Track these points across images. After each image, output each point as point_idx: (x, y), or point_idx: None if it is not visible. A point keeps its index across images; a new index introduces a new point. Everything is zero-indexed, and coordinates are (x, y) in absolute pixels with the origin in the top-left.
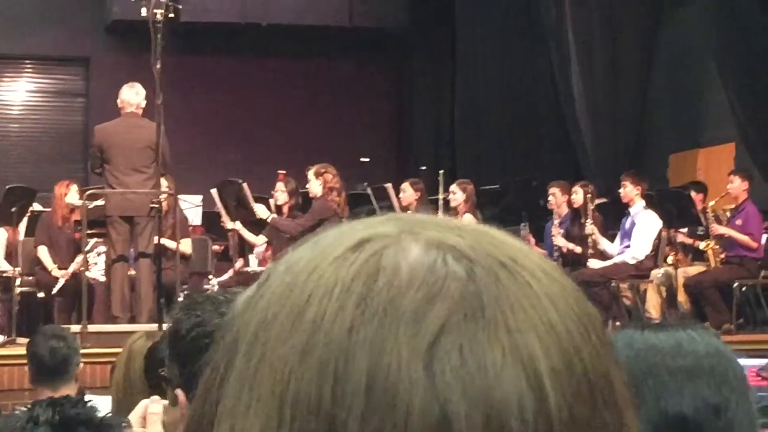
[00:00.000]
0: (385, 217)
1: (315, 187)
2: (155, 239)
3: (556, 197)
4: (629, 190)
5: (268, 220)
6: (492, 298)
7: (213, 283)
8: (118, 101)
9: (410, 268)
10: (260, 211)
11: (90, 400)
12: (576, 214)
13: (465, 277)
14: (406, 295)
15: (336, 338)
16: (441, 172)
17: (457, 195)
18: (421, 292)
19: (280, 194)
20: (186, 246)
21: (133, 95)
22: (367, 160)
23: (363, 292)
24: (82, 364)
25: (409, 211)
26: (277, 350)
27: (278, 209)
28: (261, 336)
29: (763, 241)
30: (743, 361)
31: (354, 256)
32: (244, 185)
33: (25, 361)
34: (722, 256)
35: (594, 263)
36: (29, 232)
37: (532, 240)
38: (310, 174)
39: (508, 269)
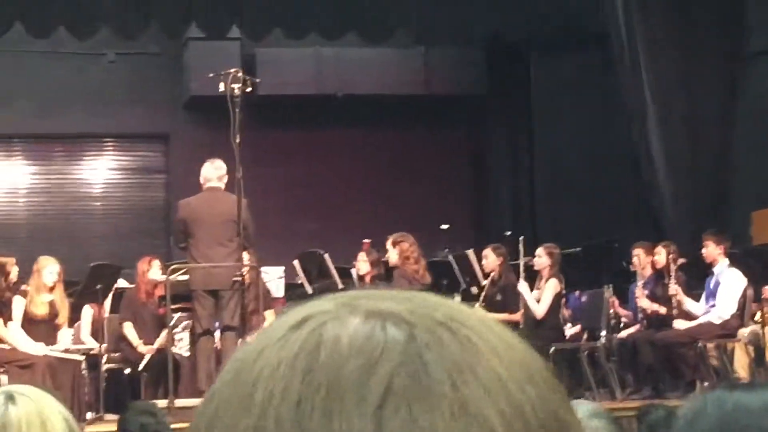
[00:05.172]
0: (326, 297)
1: (393, 256)
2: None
3: (640, 258)
4: (711, 250)
5: None
6: (434, 356)
7: None
8: (201, 176)
9: (350, 339)
10: None
11: None
12: (659, 275)
13: (405, 339)
14: (348, 363)
15: (286, 414)
16: (521, 238)
17: (542, 259)
18: (362, 359)
19: (362, 264)
20: (270, 318)
21: (214, 170)
22: (447, 227)
23: (307, 367)
24: None
25: (492, 275)
26: None
27: (360, 279)
28: (215, 424)
29: None
30: None
31: (296, 334)
32: (326, 255)
33: None
34: None
35: (680, 324)
36: (114, 309)
37: (616, 302)
38: (388, 244)
39: (448, 328)
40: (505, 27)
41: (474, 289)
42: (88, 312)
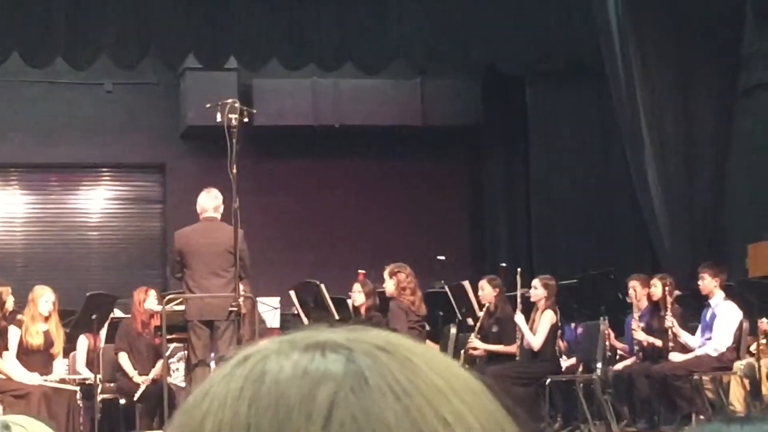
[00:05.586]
0: (270, 338)
1: (390, 287)
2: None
3: (636, 291)
4: (708, 282)
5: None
6: (375, 372)
7: None
8: (197, 206)
9: (293, 366)
10: None
11: None
12: (655, 307)
13: (345, 360)
14: (292, 386)
15: None
16: (519, 269)
17: (538, 291)
18: (305, 381)
19: (357, 295)
20: None
21: (210, 200)
22: (443, 258)
23: (253, 395)
24: None
25: (488, 307)
26: None
27: (356, 310)
28: None
29: None
30: None
31: (240, 369)
32: (322, 286)
33: None
34: None
35: (675, 356)
36: (110, 339)
37: (612, 334)
38: (385, 274)
39: (385, 350)
40: (501, 58)
41: (470, 321)
42: (83, 342)
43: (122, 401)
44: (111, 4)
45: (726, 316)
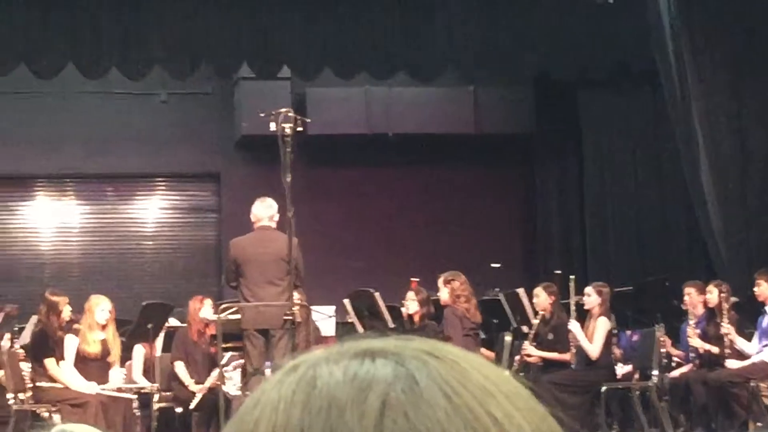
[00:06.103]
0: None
1: (444, 295)
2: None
3: (691, 297)
4: (764, 288)
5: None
6: (424, 374)
7: None
8: (251, 215)
9: (343, 371)
10: None
11: None
12: (711, 314)
13: (394, 364)
14: (343, 390)
15: None
16: (572, 277)
17: (591, 298)
18: (356, 384)
19: (411, 303)
20: None
21: (265, 209)
22: (498, 265)
23: (305, 399)
24: None
25: (543, 314)
26: None
27: (410, 318)
28: None
29: None
30: None
31: (291, 376)
32: (376, 294)
33: None
34: None
35: (732, 363)
36: (166, 348)
37: (668, 341)
38: (440, 282)
39: (433, 355)
40: (553, 65)
41: (525, 328)
42: (139, 351)
43: (178, 410)
44: (165, 14)
45: None
